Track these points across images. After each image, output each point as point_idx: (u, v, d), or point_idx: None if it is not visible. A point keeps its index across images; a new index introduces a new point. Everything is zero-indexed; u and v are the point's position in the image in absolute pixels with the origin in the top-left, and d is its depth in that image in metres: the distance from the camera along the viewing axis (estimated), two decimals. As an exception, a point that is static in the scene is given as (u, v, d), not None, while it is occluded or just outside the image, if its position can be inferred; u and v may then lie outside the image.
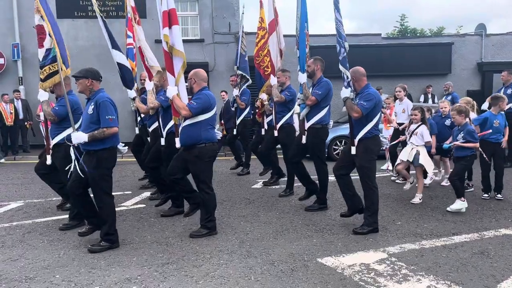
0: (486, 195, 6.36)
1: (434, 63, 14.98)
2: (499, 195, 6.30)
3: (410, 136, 6.39)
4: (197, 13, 14.63)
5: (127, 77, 5.89)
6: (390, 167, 8.32)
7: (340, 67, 4.75)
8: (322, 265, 3.93)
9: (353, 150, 4.80)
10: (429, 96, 14.12)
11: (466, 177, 6.63)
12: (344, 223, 5.18)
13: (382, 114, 8.81)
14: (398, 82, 12.62)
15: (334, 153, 10.30)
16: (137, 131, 7.30)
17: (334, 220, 5.33)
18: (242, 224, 5.27)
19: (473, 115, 6.68)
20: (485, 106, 8.54)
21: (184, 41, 5.26)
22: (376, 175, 7.31)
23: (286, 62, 11.24)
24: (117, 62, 5.77)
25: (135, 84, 6.46)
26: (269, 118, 7.01)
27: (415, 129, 6.33)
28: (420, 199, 6.19)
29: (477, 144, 5.66)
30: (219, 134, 5.05)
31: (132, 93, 6.15)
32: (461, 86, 14.74)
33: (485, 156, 6.08)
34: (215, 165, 5.13)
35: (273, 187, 7.25)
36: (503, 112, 6.48)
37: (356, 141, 4.80)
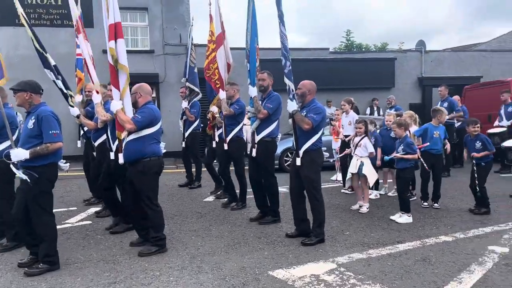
0: (425, 203, 6.69)
1: (379, 77, 15.67)
2: (436, 204, 6.63)
3: (355, 148, 6.61)
4: (147, 23, 14.42)
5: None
6: (340, 178, 8.57)
7: (286, 80, 4.87)
8: (273, 278, 3.95)
9: (298, 162, 4.91)
10: (375, 108, 14.72)
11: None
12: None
13: (332, 126, 9.11)
14: (345, 95, 13.05)
15: (286, 164, 10.44)
16: (79, 144, 7.03)
17: (286, 232, 5.38)
18: (193, 239, 5.19)
19: (414, 128, 7.05)
20: None
21: (134, 51, 5.20)
22: (326, 186, 7.46)
23: (237, 75, 11.32)
24: (53, 80, 5.56)
25: (80, 96, 6.24)
26: (220, 131, 7.01)
27: (359, 141, 6.56)
28: (367, 208, 6.41)
29: (416, 156, 5.95)
30: (163, 149, 4.95)
31: (74, 111, 5.93)
32: (404, 99, 15.50)
33: (425, 166, 6.40)
34: (165, 179, 5.05)
35: (225, 200, 7.21)
36: (442, 125, 6.87)
37: (301, 152, 4.91)
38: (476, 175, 6.14)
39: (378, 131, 7.67)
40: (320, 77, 14.81)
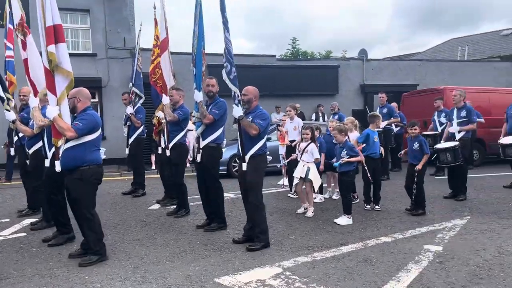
0: (368, 206, 6.95)
1: (324, 84, 16.15)
2: (377, 207, 6.91)
3: (302, 153, 6.75)
4: (88, 26, 13.93)
5: None
6: (286, 183, 8.69)
7: (231, 85, 4.88)
8: (219, 285, 3.91)
9: (244, 167, 4.93)
10: (320, 114, 15.12)
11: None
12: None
13: (279, 132, 9.24)
14: (292, 101, 13.36)
15: (234, 170, 10.43)
16: (12, 152, 6.63)
17: (233, 238, 5.36)
18: (137, 248, 5.04)
19: (356, 133, 7.32)
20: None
21: (75, 54, 4.98)
22: (273, 191, 7.54)
23: (184, 79, 11.20)
24: None
25: (13, 101, 5.88)
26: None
27: (306, 147, 6.70)
28: (312, 212, 6.54)
29: (361, 158, 6.18)
30: (103, 155, 4.79)
31: (10, 116, 5.59)
32: (347, 106, 16.08)
33: (367, 170, 6.66)
34: (108, 187, 4.87)
35: (171, 207, 7.07)
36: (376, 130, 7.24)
37: (247, 158, 4.94)
38: (416, 174, 6.48)
39: (322, 136, 7.89)
40: (268, 84, 15.16)
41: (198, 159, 5.63)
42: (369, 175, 6.69)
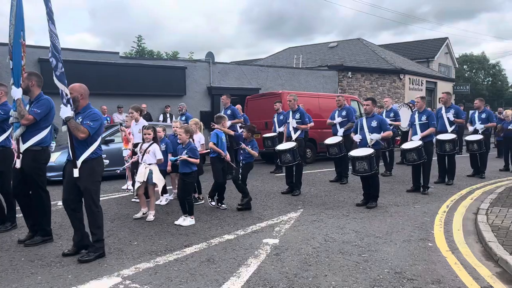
0: (213, 203, 7.10)
1: (171, 84, 15.97)
2: (223, 205, 7.12)
3: (143, 155, 6.51)
4: None
5: None
6: (130, 187, 8.29)
7: (57, 83, 4.40)
8: (47, 305, 3.49)
9: (76, 173, 4.51)
10: (168, 115, 14.92)
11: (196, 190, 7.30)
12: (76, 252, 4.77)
13: (123, 133, 8.75)
14: (138, 101, 12.88)
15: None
16: None
17: (63, 251, 4.85)
18: None
19: (200, 135, 7.39)
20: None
21: None
22: (116, 196, 7.13)
23: (7, 73, 9.79)
24: None
25: None
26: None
27: (148, 147, 6.49)
28: (153, 216, 6.35)
29: (198, 160, 6.23)
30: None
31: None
32: (195, 107, 16.23)
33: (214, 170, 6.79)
34: None
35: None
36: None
37: (79, 163, 4.54)
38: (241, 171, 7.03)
39: (167, 137, 7.76)
40: (111, 82, 14.34)
41: (18, 164, 4.93)
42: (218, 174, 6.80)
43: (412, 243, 5.15)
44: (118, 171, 8.00)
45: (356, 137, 7.37)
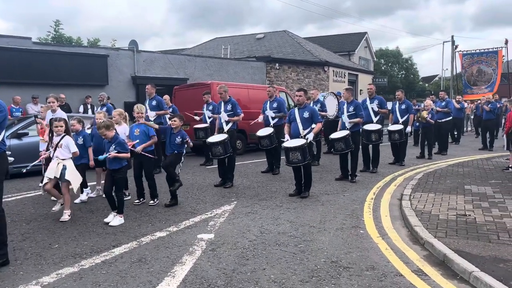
0: (137, 201, 6.75)
1: (92, 73, 14.95)
2: (152, 202, 6.73)
3: (55, 150, 5.94)
4: None
5: None
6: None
7: None
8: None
9: None
10: (89, 106, 13.97)
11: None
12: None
13: (38, 125, 7.95)
14: (55, 91, 11.88)
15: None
16: None
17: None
18: None
19: (124, 126, 6.93)
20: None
21: None
22: (32, 194, 6.52)
23: None
24: None
25: None
26: None
27: (59, 141, 5.93)
28: (69, 216, 5.83)
29: (128, 155, 5.84)
30: None
31: None
32: (118, 97, 15.36)
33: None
34: None
35: None
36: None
37: None
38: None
39: (89, 130, 7.20)
40: (23, 70, 13.08)
41: None
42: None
43: (345, 231, 5.25)
44: (25, 171, 6.89)
45: (260, 118, 7.67)
